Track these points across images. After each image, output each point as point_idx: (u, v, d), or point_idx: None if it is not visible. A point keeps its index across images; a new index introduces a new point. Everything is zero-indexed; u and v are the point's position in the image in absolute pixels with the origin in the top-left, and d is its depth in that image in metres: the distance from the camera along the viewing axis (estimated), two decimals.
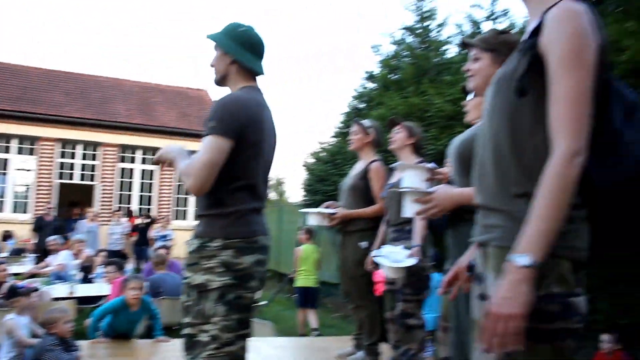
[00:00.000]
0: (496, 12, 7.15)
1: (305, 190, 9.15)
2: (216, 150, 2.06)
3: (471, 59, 2.23)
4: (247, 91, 2.27)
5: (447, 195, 2.12)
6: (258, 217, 2.25)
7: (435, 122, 5.88)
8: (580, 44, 1.28)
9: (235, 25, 2.35)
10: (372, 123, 4.24)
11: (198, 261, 2.13)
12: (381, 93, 8.07)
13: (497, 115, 1.41)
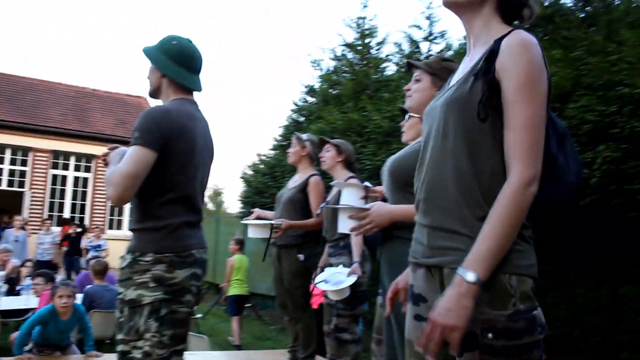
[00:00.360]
0: (434, 33, 7.38)
1: (243, 202, 9.12)
2: (138, 162, 2.03)
3: (413, 79, 2.35)
4: (177, 103, 2.26)
5: (381, 212, 2.18)
6: (193, 230, 2.23)
7: (373, 138, 6.00)
8: (536, 74, 1.35)
9: (169, 38, 2.34)
10: (309, 137, 4.31)
11: (130, 276, 2.10)
12: (321, 107, 8.16)
13: (453, 137, 1.42)
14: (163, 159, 2.09)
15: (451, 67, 2.26)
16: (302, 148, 4.21)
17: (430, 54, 7.35)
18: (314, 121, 7.88)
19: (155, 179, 2.09)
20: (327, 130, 6.96)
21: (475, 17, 1.53)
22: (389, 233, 2.21)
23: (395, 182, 2.26)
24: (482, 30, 1.52)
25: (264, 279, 9.41)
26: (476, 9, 1.52)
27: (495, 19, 1.51)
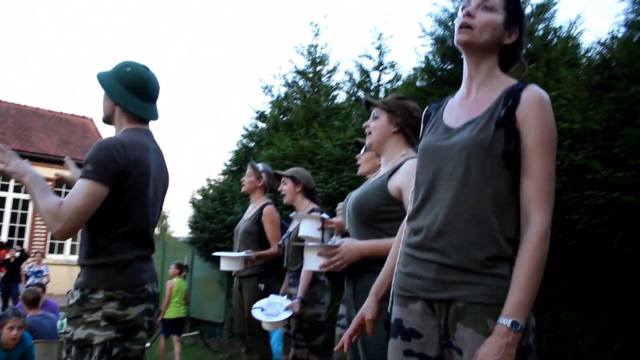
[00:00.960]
0: (384, 64, 7.56)
1: (191, 227, 9.01)
2: (90, 197, 1.96)
3: (371, 116, 2.43)
4: (130, 134, 2.19)
5: (351, 249, 2.20)
6: (145, 264, 2.16)
7: (324, 166, 6.06)
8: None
9: (123, 64, 2.27)
10: (264, 167, 4.35)
11: (80, 314, 2.01)
12: (271, 133, 8.19)
13: (476, 180, 1.47)
14: (116, 192, 2.03)
15: (406, 105, 2.37)
16: (258, 179, 4.25)
17: (380, 83, 7.51)
18: (265, 147, 7.90)
19: (107, 212, 2.03)
20: (278, 156, 6.98)
21: (484, 61, 1.61)
22: (359, 266, 2.22)
23: (360, 218, 2.29)
24: (487, 76, 1.61)
25: (212, 306, 9.29)
26: (486, 54, 1.61)
27: (497, 66, 1.62)
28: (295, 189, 3.84)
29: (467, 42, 1.58)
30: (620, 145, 3.50)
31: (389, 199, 2.20)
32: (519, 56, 1.65)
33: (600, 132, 3.67)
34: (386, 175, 2.27)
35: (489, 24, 1.57)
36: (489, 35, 1.57)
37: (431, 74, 6.16)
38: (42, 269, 10.54)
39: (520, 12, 1.62)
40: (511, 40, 1.59)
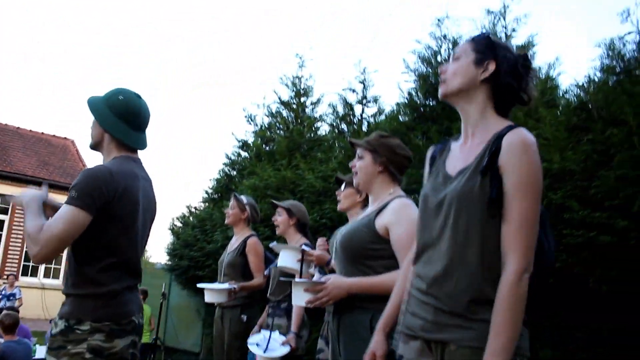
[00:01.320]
0: (368, 97, 7.65)
1: (170, 254, 8.93)
2: (72, 223, 1.93)
3: (357, 156, 2.48)
4: (119, 162, 2.16)
5: (338, 285, 2.22)
6: (132, 294, 2.13)
7: (306, 197, 6.08)
8: (534, 174, 1.49)
9: (116, 92, 2.24)
10: (248, 200, 4.38)
11: (64, 345, 1.95)
12: (254, 163, 8.20)
13: (464, 230, 1.53)
14: (104, 222, 2.00)
15: (389, 143, 2.42)
16: (242, 211, 4.27)
17: (363, 117, 7.59)
18: (247, 176, 7.91)
19: (95, 242, 2.00)
20: (260, 186, 7.00)
21: (469, 105, 1.68)
22: (345, 302, 2.24)
23: (347, 255, 2.31)
24: (479, 120, 1.66)
25: (188, 335, 9.17)
26: (469, 97, 1.67)
27: (489, 108, 1.66)
28: (290, 221, 3.86)
29: (444, 94, 1.70)
30: (597, 186, 3.60)
31: (377, 237, 2.24)
32: (513, 87, 1.64)
33: (578, 173, 3.77)
34: (373, 213, 2.30)
35: (456, 69, 1.67)
36: (459, 78, 1.66)
37: (414, 110, 6.26)
38: (15, 292, 10.32)
39: (492, 47, 1.67)
40: (488, 73, 1.63)
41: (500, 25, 6.09)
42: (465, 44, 1.71)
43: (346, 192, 3.16)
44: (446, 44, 6.48)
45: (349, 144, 2.64)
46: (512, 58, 1.65)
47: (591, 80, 4.67)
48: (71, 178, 16.67)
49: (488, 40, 1.69)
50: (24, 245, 15.36)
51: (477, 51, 1.67)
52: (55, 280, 15.89)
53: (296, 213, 3.87)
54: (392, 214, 2.24)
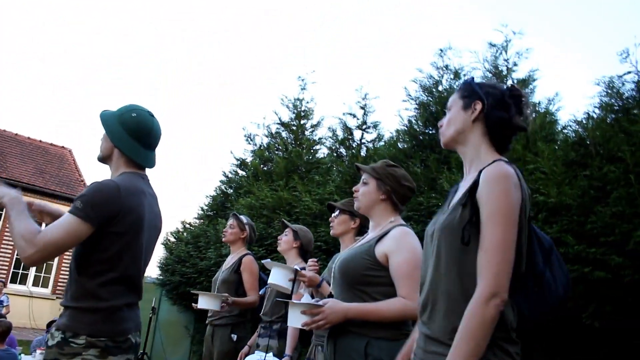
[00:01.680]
0: (368, 123, 7.70)
1: (162, 269, 8.88)
2: (71, 233, 1.93)
3: (361, 181, 2.53)
4: (127, 178, 2.17)
5: (335, 310, 2.22)
6: (131, 312, 2.11)
7: (302, 219, 6.08)
8: (506, 203, 1.53)
9: (129, 108, 2.25)
10: (248, 220, 4.41)
11: (58, 358, 1.94)
12: (251, 182, 8.21)
13: (445, 260, 1.61)
14: (107, 237, 2.00)
15: (395, 173, 2.47)
16: (242, 231, 4.30)
17: (363, 142, 7.63)
18: (243, 195, 7.91)
19: (98, 256, 2.00)
20: (256, 205, 7.01)
21: (466, 146, 1.79)
22: (341, 327, 2.24)
23: (346, 280, 2.32)
24: (474, 157, 1.76)
25: (175, 351, 9.07)
26: (464, 139, 1.78)
27: (484, 145, 1.75)
28: (293, 243, 3.87)
29: (444, 144, 1.84)
30: (593, 221, 3.62)
31: (376, 263, 2.25)
32: (503, 118, 1.73)
33: (574, 207, 3.79)
34: (374, 240, 2.33)
35: (449, 120, 1.81)
36: (453, 126, 1.79)
37: (413, 137, 6.31)
38: (3, 299, 10.22)
39: (475, 90, 1.78)
40: (477, 113, 1.74)
41: (502, 59, 6.17)
42: (453, 95, 1.85)
43: (340, 218, 3.21)
44: (448, 75, 6.55)
45: (355, 168, 2.67)
46: (497, 93, 1.76)
47: (590, 116, 4.73)
48: (67, 187, 16.64)
49: (471, 85, 1.81)
50: (14, 253, 15.26)
51: (463, 97, 1.79)
52: (43, 289, 15.78)
53: (302, 238, 3.89)
54: (392, 241, 2.26)
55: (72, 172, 17.98)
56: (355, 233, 3.21)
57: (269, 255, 6.09)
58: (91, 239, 1.99)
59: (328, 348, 2.36)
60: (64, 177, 17.25)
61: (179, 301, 8.69)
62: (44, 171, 16.81)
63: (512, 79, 6.23)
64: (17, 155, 16.81)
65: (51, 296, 15.72)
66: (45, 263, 15.77)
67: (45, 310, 14.22)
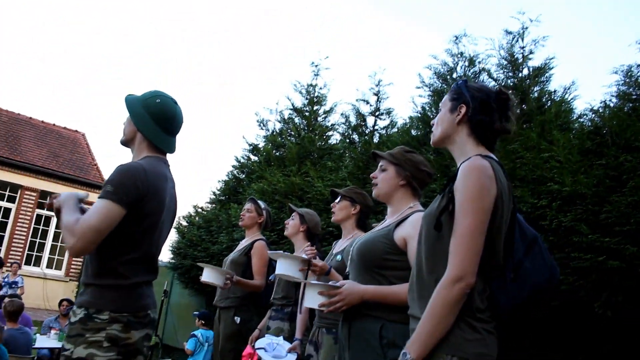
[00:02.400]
0: (381, 109, 7.67)
1: (174, 253, 8.94)
2: (107, 216, 1.99)
3: (379, 168, 2.55)
4: (150, 161, 2.22)
5: (353, 291, 2.25)
6: (149, 289, 2.19)
7: (314, 204, 6.09)
8: (475, 194, 1.64)
9: (154, 94, 2.31)
10: (265, 205, 4.43)
11: (82, 333, 2.00)
12: (263, 167, 8.22)
13: (423, 244, 1.77)
14: (132, 217, 2.05)
15: (413, 158, 2.49)
16: (259, 215, 4.32)
17: (375, 128, 7.61)
18: (256, 180, 7.92)
19: (122, 236, 2.05)
20: (269, 190, 7.01)
21: (453, 146, 1.91)
22: (356, 309, 2.26)
23: (364, 263, 2.34)
24: (461, 155, 1.86)
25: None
26: (451, 140, 1.91)
27: (469, 143, 1.85)
28: (300, 227, 3.89)
29: (433, 143, 1.98)
30: (608, 210, 3.59)
31: (395, 248, 2.28)
32: (486, 121, 1.84)
33: (589, 197, 3.77)
34: (393, 225, 2.35)
35: (438, 120, 1.94)
36: (440, 127, 1.92)
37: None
38: (18, 280, 10.34)
39: (462, 93, 1.89)
40: (461, 115, 1.85)
41: (518, 46, 6.10)
42: (445, 96, 1.96)
43: (341, 204, 3.29)
44: (462, 62, 6.50)
45: (372, 155, 2.68)
46: (483, 96, 1.85)
47: (607, 105, 4.68)
48: (80, 170, 16.76)
49: (460, 87, 1.91)
50: (29, 234, 15.43)
51: (451, 99, 1.91)
52: (57, 271, 15.95)
53: (308, 221, 3.90)
54: (411, 227, 2.28)
55: (85, 156, 18.09)
56: (356, 219, 3.27)
57: (281, 241, 6.11)
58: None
59: (342, 331, 2.38)
60: (77, 161, 17.36)
61: (190, 285, 8.75)
62: (58, 154, 16.92)
63: (528, 67, 6.17)
64: (31, 139, 16.92)
65: (64, 278, 15.89)
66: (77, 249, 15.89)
67: (59, 292, 14.36)
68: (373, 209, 3.55)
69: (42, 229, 15.95)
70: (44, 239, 15.93)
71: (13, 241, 15.17)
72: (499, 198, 1.66)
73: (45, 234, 16.00)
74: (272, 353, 3.42)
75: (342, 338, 2.39)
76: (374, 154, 2.65)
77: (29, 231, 15.50)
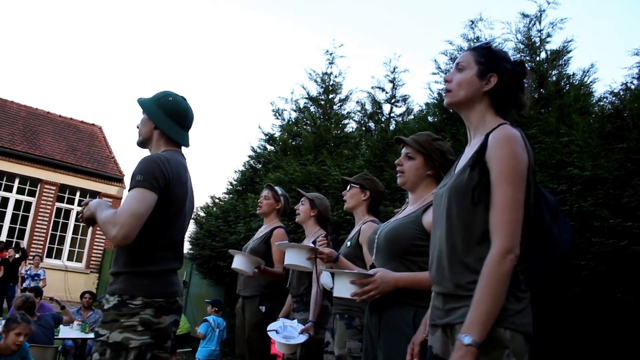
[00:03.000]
0: (397, 97, 7.61)
1: (192, 244, 8.99)
2: (143, 202, 2.07)
3: (403, 154, 2.50)
4: (171, 154, 2.34)
5: (387, 279, 2.24)
6: (176, 277, 2.30)
7: (331, 193, 6.08)
8: (514, 163, 1.60)
9: (165, 93, 2.43)
10: (282, 192, 4.40)
11: (117, 318, 2.10)
12: (280, 156, 8.22)
13: (455, 219, 1.69)
14: (160, 204, 2.14)
15: (441, 148, 2.46)
16: (277, 202, 4.31)
17: (392, 116, 7.56)
18: (272, 170, 7.92)
19: (151, 223, 2.12)
20: (285, 180, 7.01)
21: (472, 112, 1.83)
22: (389, 297, 2.25)
23: (393, 250, 2.34)
24: (479, 123, 1.81)
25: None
26: (472, 106, 1.82)
27: (489, 113, 1.80)
28: (311, 212, 3.90)
29: (450, 103, 1.87)
30: (630, 195, 3.53)
31: (424, 233, 2.27)
32: (512, 96, 1.81)
33: (610, 181, 3.70)
34: (420, 210, 2.35)
35: (461, 82, 1.82)
36: (464, 90, 1.81)
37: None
38: (40, 272, 10.50)
39: (493, 60, 1.81)
40: (490, 86, 1.79)
41: (535, 30, 6.00)
42: (468, 55, 1.87)
43: (352, 192, 3.29)
44: None
45: (396, 140, 2.63)
46: (510, 69, 1.80)
47: (628, 88, 4.59)
48: (97, 164, 16.91)
49: (489, 52, 1.85)
50: (49, 227, 15.63)
51: (479, 63, 1.82)
52: (78, 264, 16.16)
53: (318, 205, 3.90)
54: None
55: (103, 149, 18.25)
56: (367, 205, 3.26)
57: (299, 230, 6.11)
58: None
59: (372, 319, 2.36)
60: (94, 154, 17.52)
61: (209, 275, 8.80)
62: (76, 148, 17.08)
63: (545, 50, 6.08)
64: (49, 133, 17.10)
65: (85, 270, 16.10)
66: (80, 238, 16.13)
67: (80, 284, 14.57)
68: (385, 196, 3.53)
69: (62, 222, 16.16)
70: (64, 232, 16.13)
71: (34, 234, 15.40)
72: (530, 166, 1.64)
73: (65, 226, 16.20)
74: (283, 334, 3.45)
75: (372, 326, 2.37)
76: (398, 139, 2.61)
77: (50, 224, 15.71)
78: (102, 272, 15.79)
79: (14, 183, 15.49)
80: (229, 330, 7.12)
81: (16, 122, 16.54)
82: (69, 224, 16.24)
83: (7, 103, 17.23)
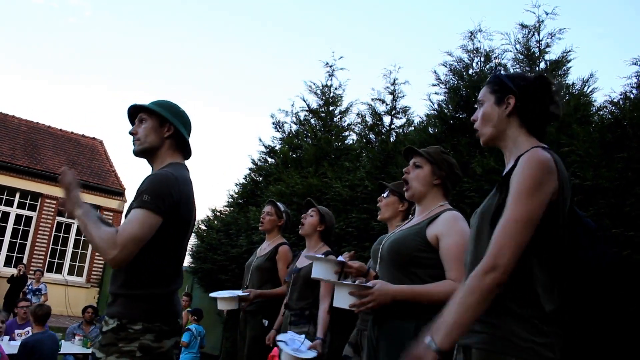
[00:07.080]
0: (397, 108, 7.61)
1: (194, 257, 8.97)
2: (147, 226, 2.00)
3: (412, 164, 2.52)
4: (177, 169, 2.22)
5: (384, 291, 2.23)
6: (176, 296, 2.20)
7: (332, 205, 6.07)
8: (531, 184, 1.57)
9: (172, 103, 2.33)
10: (284, 208, 4.38)
11: (115, 342, 2.01)
12: (280, 169, 8.22)
13: (482, 242, 1.67)
14: (165, 226, 2.06)
15: (449, 160, 2.48)
16: (279, 218, 4.28)
17: (392, 127, 7.56)
18: (273, 182, 7.92)
19: (155, 244, 2.05)
20: (287, 192, 7.01)
21: (505, 141, 1.82)
22: (388, 310, 2.25)
23: (395, 261, 2.33)
24: (513, 147, 1.79)
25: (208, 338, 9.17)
26: (502, 135, 1.81)
27: (521, 135, 1.77)
28: (318, 226, 3.84)
29: (484, 143, 1.87)
30: (632, 203, 3.53)
31: (427, 245, 2.27)
32: (538, 109, 1.76)
33: (611, 190, 3.71)
34: (425, 222, 2.34)
35: (483, 115, 1.84)
36: (489, 123, 1.82)
37: (443, 122, 6.21)
38: (41, 287, 10.46)
39: (506, 83, 1.80)
40: (511, 107, 1.77)
41: (534, 40, 6.03)
42: (483, 89, 1.88)
43: (389, 199, 3.14)
44: (478, 57, 6.44)
45: (405, 150, 2.63)
46: (528, 85, 1.79)
47: (627, 97, 4.60)
48: (98, 177, 16.92)
49: (500, 78, 1.84)
50: (50, 242, 15.60)
51: (494, 91, 1.82)
52: (78, 278, 16.12)
53: (327, 221, 3.86)
54: (443, 224, 2.28)
55: (104, 163, 18.26)
56: (403, 217, 3.09)
57: (300, 242, 6.09)
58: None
59: (373, 331, 2.36)
60: (95, 168, 17.53)
61: (210, 288, 8.77)
62: (77, 162, 17.09)
63: (544, 60, 6.10)
64: (50, 147, 17.12)
65: (86, 284, 16.05)
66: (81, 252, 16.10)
67: (81, 298, 14.53)
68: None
69: (62, 236, 16.13)
70: (65, 246, 16.11)
71: (35, 249, 15.37)
72: (560, 190, 1.59)
73: (65, 241, 16.17)
74: (292, 346, 3.43)
75: (371, 338, 2.37)
76: (408, 149, 2.61)
77: (50, 239, 15.68)
78: (102, 286, 15.76)
79: (15, 197, 15.49)
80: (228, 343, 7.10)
81: (17, 137, 16.56)
82: (70, 238, 16.22)
83: (7, 117, 17.26)
